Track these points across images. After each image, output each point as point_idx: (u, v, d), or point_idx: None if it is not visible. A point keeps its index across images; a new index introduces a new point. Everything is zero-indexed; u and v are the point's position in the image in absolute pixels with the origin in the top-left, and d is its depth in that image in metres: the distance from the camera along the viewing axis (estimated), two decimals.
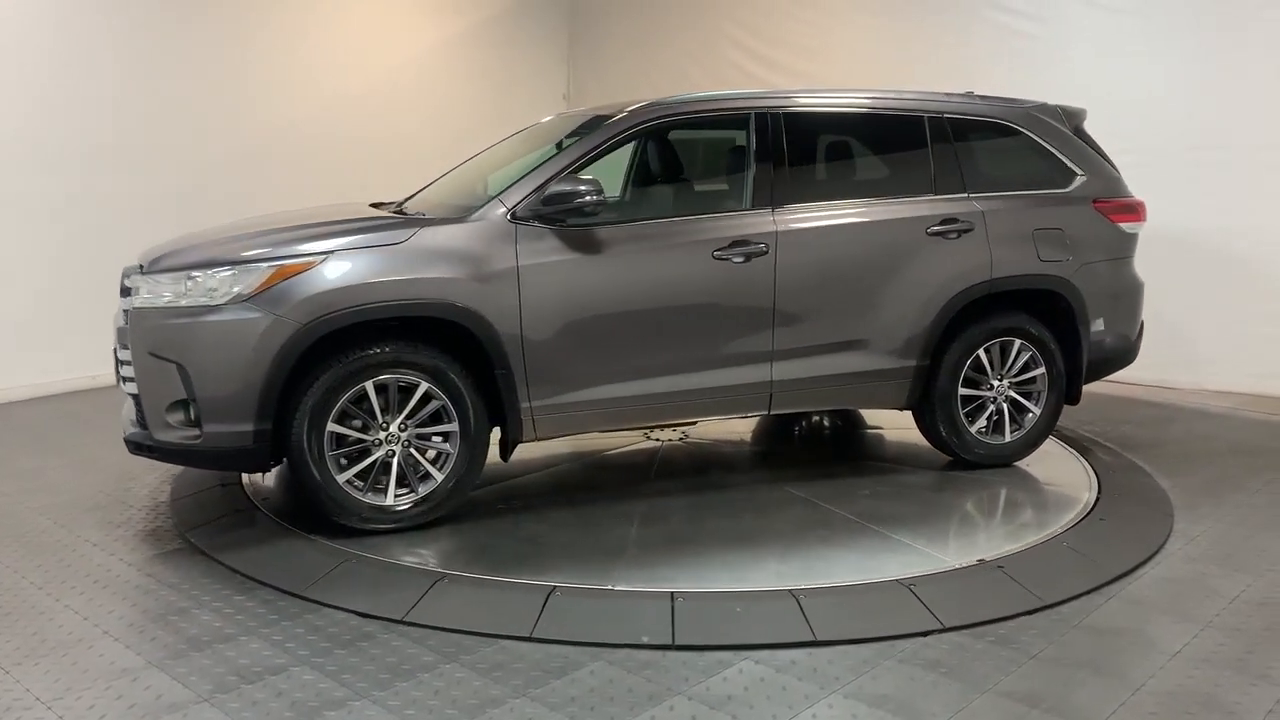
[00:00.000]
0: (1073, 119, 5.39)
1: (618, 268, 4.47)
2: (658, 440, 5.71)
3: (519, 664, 3.25)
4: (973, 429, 5.09)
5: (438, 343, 4.27)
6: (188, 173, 7.70)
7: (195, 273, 4.11)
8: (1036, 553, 4.12)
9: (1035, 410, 5.16)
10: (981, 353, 5.04)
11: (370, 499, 4.22)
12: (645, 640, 3.39)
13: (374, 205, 4.97)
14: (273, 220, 4.71)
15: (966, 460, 5.13)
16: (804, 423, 6.22)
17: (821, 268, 4.76)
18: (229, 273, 4.07)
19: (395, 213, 4.77)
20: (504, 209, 4.36)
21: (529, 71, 10.38)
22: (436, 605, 3.61)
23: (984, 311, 5.02)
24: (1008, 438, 5.14)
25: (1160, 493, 4.99)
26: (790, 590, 3.68)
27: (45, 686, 3.11)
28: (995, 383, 5.10)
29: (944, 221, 4.94)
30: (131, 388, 4.29)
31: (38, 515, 4.64)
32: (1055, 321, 5.17)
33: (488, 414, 4.38)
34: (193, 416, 4.08)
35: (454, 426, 4.30)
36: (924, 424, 5.19)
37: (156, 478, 5.16)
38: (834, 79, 8.18)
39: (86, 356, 7.27)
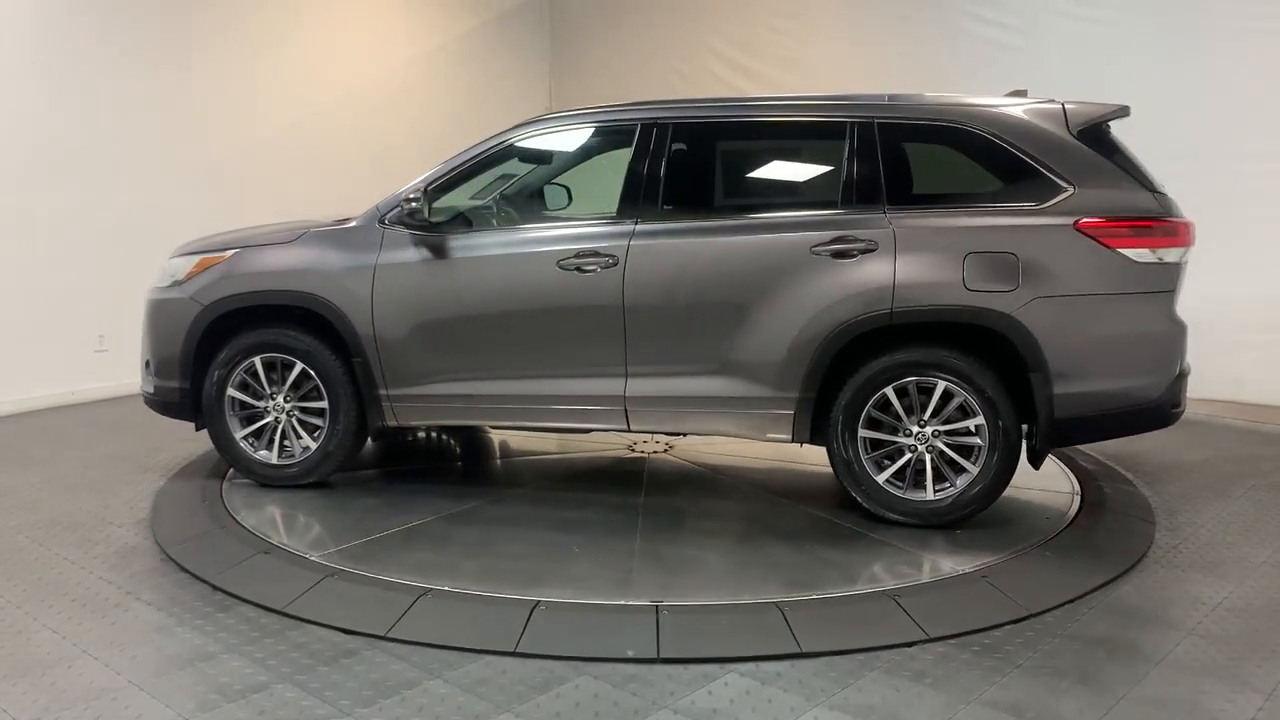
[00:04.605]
0: (1078, 120, 4.41)
1: (463, 272, 4.74)
2: (635, 451, 5.73)
3: (503, 679, 3.23)
4: (880, 478, 4.45)
5: (321, 330, 4.89)
6: (167, 186, 7.68)
7: (171, 260, 5.19)
8: (1019, 562, 4.12)
9: (971, 468, 4.37)
10: (891, 393, 4.38)
11: (260, 456, 5.03)
12: (630, 654, 3.38)
13: (338, 221, 5.06)
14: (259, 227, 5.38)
15: (875, 515, 4.47)
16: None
17: (674, 283, 4.50)
18: (178, 261, 5.13)
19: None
20: (378, 214, 4.87)
21: (512, 83, 10.41)
22: (420, 621, 3.59)
23: (891, 344, 4.39)
24: (930, 494, 4.41)
25: (1142, 500, 5.02)
26: (775, 602, 3.67)
27: (24, 707, 3.07)
28: (914, 429, 4.41)
29: (836, 240, 4.37)
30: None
31: (14, 534, 4.59)
32: (1008, 365, 4.35)
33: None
34: (152, 372, 5.15)
35: (324, 404, 4.92)
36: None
37: (136, 493, 5.12)
38: (813, 89, 8.21)
39: (65, 372, 7.23)
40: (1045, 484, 5.10)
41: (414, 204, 4.67)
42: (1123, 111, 4.50)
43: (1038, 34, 7.47)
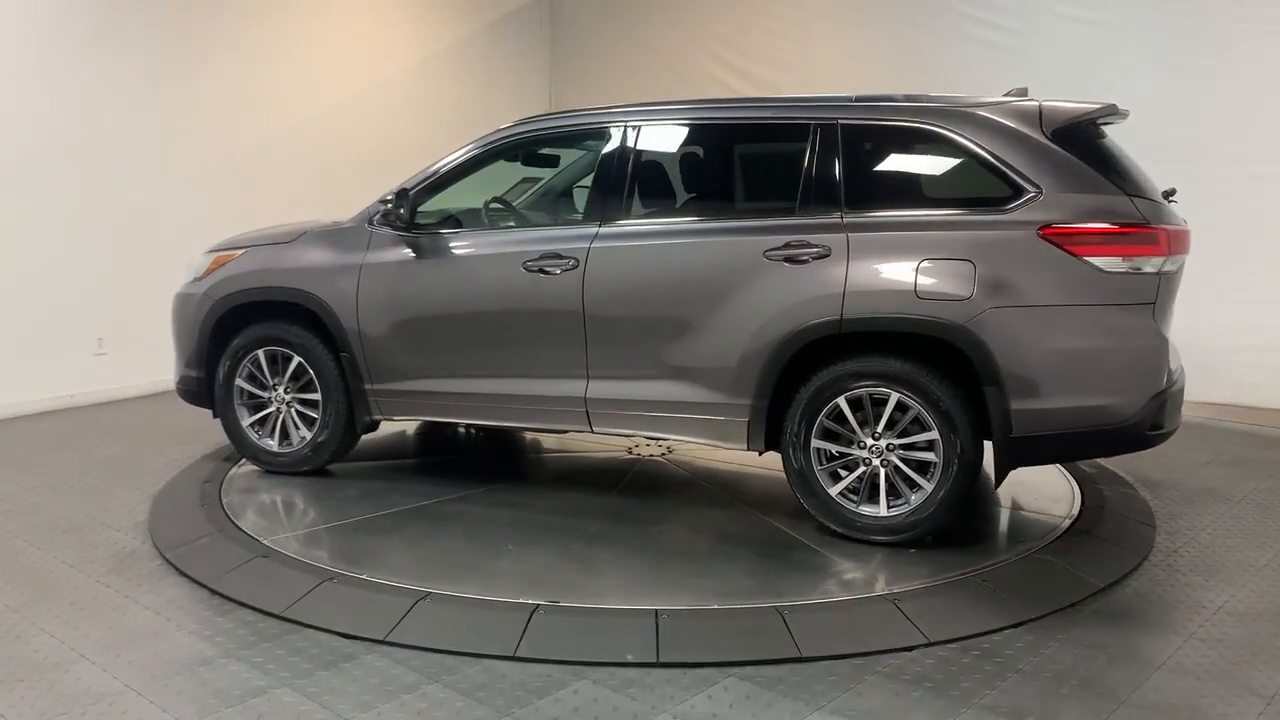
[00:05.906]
0: (1054, 121, 4.13)
1: (435, 272, 4.85)
2: (633, 453, 5.73)
3: (502, 684, 3.23)
4: (833, 490, 4.29)
5: (316, 326, 5.05)
6: (167, 188, 7.64)
7: (198, 257, 5.45)
8: (1020, 566, 4.12)
9: (926, 485, 4.16)
10: (844, 403, 4.22)
11: (264, 444, 5.25)
12: (629, 658, 3.37)
13: (336, 222, 5.26)
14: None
15: (826, 527, 4.33)
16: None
17: (630, 285, 4.49)
18: (201, 258, 5.42)
19: None
20: (367, 215, 5.02)
21: (511, 88, 10.39)
22: (419, 625, 3.58)
23: (842, 353, 4.23)
24: (884, 510, 4.23)
25: (1142, 504, 5.01)
26: (775, 606, 3.66)
27: (21, 712, 3.06)
28: (869, 441, 4.22)
29: (788, 245, 4.23)
30: None
31: (13, 538, 4.58)
32: (969, 379, 4.11)
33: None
34: (180, 363, 5.44)
35: (318, 396, 5.10)
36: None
37: (134, 497, 5.11)
38: (813, 91, 8.20)
39: (64, 376, 7.21)
40: (1044, 489, 5.10)
41: (389, 205, 4.83)
42: (1109, 110, 4.23)
43: (1037, 36, 7.46)
